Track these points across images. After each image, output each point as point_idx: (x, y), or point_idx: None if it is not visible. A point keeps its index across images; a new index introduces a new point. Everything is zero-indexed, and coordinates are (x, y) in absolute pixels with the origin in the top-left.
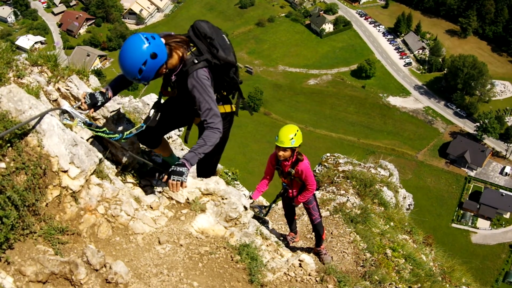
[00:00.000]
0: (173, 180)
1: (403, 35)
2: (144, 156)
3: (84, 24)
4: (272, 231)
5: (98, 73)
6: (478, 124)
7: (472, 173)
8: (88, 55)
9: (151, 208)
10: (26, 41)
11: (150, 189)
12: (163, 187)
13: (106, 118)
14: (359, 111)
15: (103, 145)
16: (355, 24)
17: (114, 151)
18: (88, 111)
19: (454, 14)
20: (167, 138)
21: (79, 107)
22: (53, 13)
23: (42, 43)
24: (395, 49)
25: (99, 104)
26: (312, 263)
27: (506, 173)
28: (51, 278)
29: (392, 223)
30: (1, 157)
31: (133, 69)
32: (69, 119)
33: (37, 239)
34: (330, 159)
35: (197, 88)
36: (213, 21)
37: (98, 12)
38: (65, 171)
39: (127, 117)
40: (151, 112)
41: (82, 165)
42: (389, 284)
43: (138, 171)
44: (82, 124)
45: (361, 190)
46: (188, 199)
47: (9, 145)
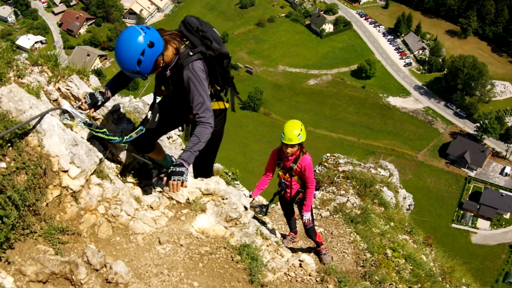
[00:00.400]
0: (173, 180)
1: (403, 35)
2: (144, 156)
3: (84, 24)
4: (272, 231)
5: (98, 73)
6: (478, 124)
7: (472, 174)
8: (88, 55)
9: (152, 208)
10: (27, 40)
11: (150, 189)
12: (163, 187)
13: (107, 118)
14: (359, 111)
15: (103, 145)
16: (355, 24)
17: (114, 151)
18: (88, 111)
19: (454, 14)
20: (167, 138)
21: (80, 107)
22: (53, 12)
23: (42, 43)
24: (395, 49)
25: (99, 103)
26: (312, 263)
27: (506, 173)
28: (51, 278)
29: (392, 223)
30: (1, 156)
31: (131, 60)
32: (69, 119)
33: (37, 239)
34: (330, 159)
35: (192, 80)
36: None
37: (98, 12)
38: (66, 171)
39: (127, 117)
40: (149, 114)
41: (82, 165)
42: (389, 284)
43: (138, 171)
44: (83, 124)
45: (361, 190)
46: (188, 199)
47: (9, 145)
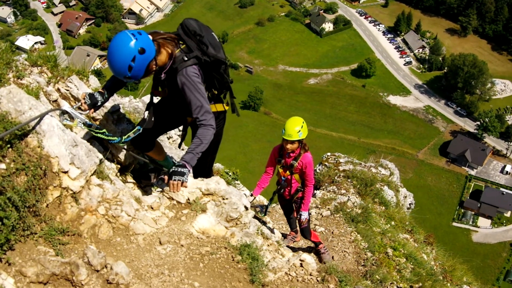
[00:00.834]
0: (174, 180)
1: (403, 34)
2: (144, 156)
3: (84, 24)
4: (273, 231)
5: (98, 73)
6: (479, 123)
7: (473, 172)
8: (88, 55)
9: (152, 208)
10: (26, 41)
11: (151, 190)
12: (163, 188)
13: (106, 118)
14: (359, 110)
15: (104, 146)
16: (355, 23)
17: (114, 151)
18: (88, 111)
19: (454, 13)
20: (167, 138)
21: (79, 108)
22: (52, 13)
23: (41, 43)
24: (395, 48)
25: (98, 104)
26: (313, 262)
27: (507, 171)
28: (52, 279)
29: (393, 222)
30: (1, 158)
31: (122, 66)
32: (69, 119)
33: (37, 240)
34: (330, 159)
35: (186, 85)
36: (213, 20)
37: (97, 12)
38: (66, 172)
39: (127, 117)
40: (146, 114)
41: (82, 165)
42: (390, 284)
43: (138, 171)
44: (82, 125)
45: (361, 189)
46: (188, 199)
47: (9, 146)
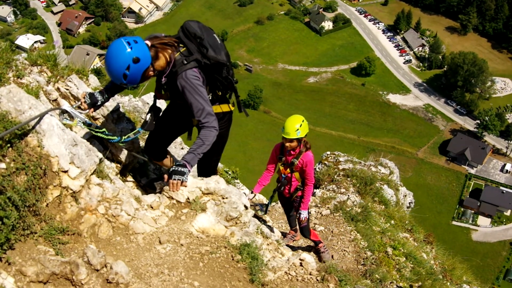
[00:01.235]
0: (174, 179)
1: (402, 32)
2: (144, 155)
3: (84, 23)
4: (273, 230)
5: (97, 72)
6: (479, 121)
7: (473, 171)
8: (88, 54)
9: (152, 207)
10: (26, 40)
11: (151, 190)
12: (163, 187)
13: (106, 117)
14: (359, 109)
15: (103, 145)
16: (355, 21)
17: (114, 150)
18: (88, 110)
19: (454, 11)
20: None
21: (79, 107)
22: (52, 12)
23: (41, 42)
24: (394, 46)
25: (98, 103)
26: (313, 262)
27: (507, 170)
28: (52, 279)
29: (392, 221)
30: (1, 157)
31: (117, 74)
32: (69, 119)
33: (37, 239)
34: (330, 157)
35: (187, 88)
36: (212, 19)
37: (97, 11)
38: (65, 171)
39: (127, 116)
40: (148, 117)
41: (82, 165)
42: (390, 283)
43: (138, 170)
44: (82, 124)
45: (361, 188)
46: (188, 198)
47: (9, 145)
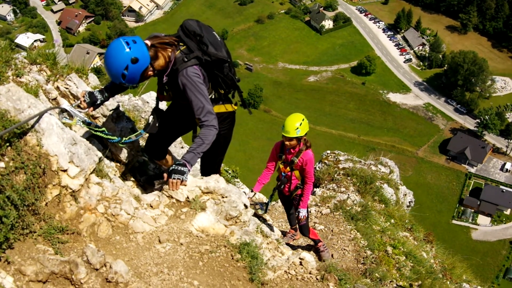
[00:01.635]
0: (174, 178)
1: (403, 31)
2: (144, 154)
3: (84, 21)
4: (272, 229)
5: (97, 71)
6: (479, 120)
7: (473, 170)
8: (88, 52)
9: (151, 206)
10: (26, 39)
11: (150, 188)
12: (162, 186)
13: (106, 116)
14: (359, 108)
15: (103, 144)
16: (355, 20)
17: (113, 149)
18: (87, 109)
19: (454, 10)
20: None
21: (79, 106)
22: (52, 11)
23: (41, 41)
24: (395, 45)
25: (98, 102)
26: (312, 261)
27: (507, 169)
28: (51, 278)
29: (392, 220)
30: (0, 156)
31: (116, 74)
32: (68, 118)
33: (37, 238)
34: (330, 157)
35: (187, 86)
36: (212, 18)
37: (97, 10)
38: (65, 170)
39: (126, 115)
40: (150, 119)
41: (81, 164)
42: (390, 282)
43: (138, 169)
44: (81, 123)
45: (361, 187)
46: (188, 197)
47: (8, 144)
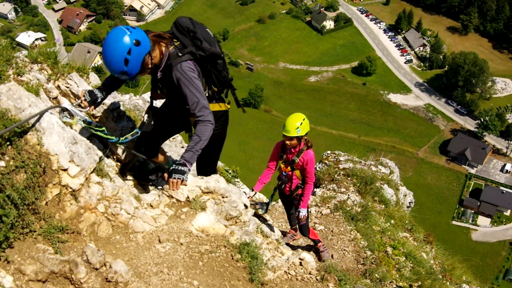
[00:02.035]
0: (174, 178)
1: (404, 32)
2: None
3: (85, 20)
4: (273, 229)
5: (98, 70)
6: (479, 121)
7: (473, 171)
8: (89, 51)
9: (151, 206)
10: (27, 37)
11: (150, 187)
12: (163, 186)
13: (107, 116)
14: (359, 108)
15: (103, 143)
16: (356, 21)
17: (114, 149)
18: (88, 108)
19: (455, 11)
20: None
21: (79, 105)
22: (53, 9)
23: (42, 40)
24: (396, 46)
25: (98, 100)
26: (312, 261)
27: (507, 170)
28: (51, 277)
29: (392, 221)
30: (0, 155)
31: (118, 61)
32: (69, 117)
33: (36, 238)
34: (330, 157)
35: (182, 80)
36: (213, 18)
37: (98, 9)
38: (65, 170)
39: (127, 114)
40: (145, 117)
41: (82, 163)
42: (390, 282)
43: (138, 169)
44: (82, 122)
45: (361, 187)
46: (188, 197)
47: (8, 143)
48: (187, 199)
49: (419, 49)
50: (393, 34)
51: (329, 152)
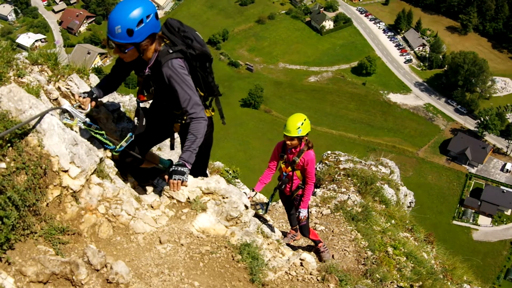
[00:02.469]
0: (174, 179)
1: (403, 32)
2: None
3: (85, 22)
4: (273, 229)
5: (98, 71)
6: (479, 121)
7: (473, 170)
8: (89, 53)
9: (152, 207)
10: (27, 39)
11: (151, 188)
12: (163, 186)
13: (107, 117)
14: (359, 108)
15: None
16: (356, 21)
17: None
18: (88, 109)
19: (454, 10)
20: None
21: (80, 107)
22: (53, 11)
23: (42, 41)
24: (395, 46)
25: (94, 96)
26: (313, 262)
27: (507, 170)
28: (52, 279)
29: (393, 221)
30: (1, 157)
31: (135, 17)
32: (69, 118)
33: (37, 239)
34: (331, 157)
35: (173, 77)
36: (213, 18)
37: (98, 10)
38: (66, 171)
39: (127, 115)
40: (135, 121)
41: (82, 164)
42: (391, 282)
43: (137, 170)
44: (82, 124)
45: (362, 188)
46: (189, 198)
47: (9, 145)
48: (187, 200)
49: (419, 48)
50: (392, 34)
51: (329, 152)
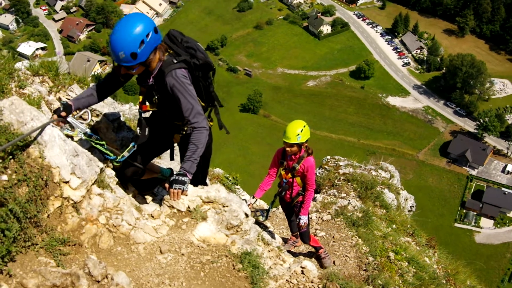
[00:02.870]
0: (175, 188)
1: (400, 35)
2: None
3: (85, 30)
4: (273, 236)
5: (98, 79)
6: (478, 122)
7: (474, 172)
8: (89, 60)
9: (152, 217)
10: (28, 47)
11: (151, 198)
12: (163, 196)
13: (107, 126)
14: (358, 112)
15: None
16: (353, 25)
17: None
18: (89, 120)
19: (451, 13)
20: None
21: (80, 117)
22: (53, 19)
23: (43, 50)
24: (393, 49)
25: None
26: (314, 269)
27: (508, 171)
28: None
29: (394, 226)
30: (3, 169)
31: (136, 39)
32: (70, 129)
33: (38, 251)
34: (330, 162)
35: (176, 87)
36: (211, 25)
37: (98, 18)
38: (67, 182)
39: (127, 125)
40: (138, 130)
41: (83, 175)
42: None
43: (138, 182)
44: (83, 135)
45: (362, 192)
46: (189, 207)
47: (11, 157)
48: (188, 209)
49: (416, 52)
50: (390, 37)
51: (328, 157)
